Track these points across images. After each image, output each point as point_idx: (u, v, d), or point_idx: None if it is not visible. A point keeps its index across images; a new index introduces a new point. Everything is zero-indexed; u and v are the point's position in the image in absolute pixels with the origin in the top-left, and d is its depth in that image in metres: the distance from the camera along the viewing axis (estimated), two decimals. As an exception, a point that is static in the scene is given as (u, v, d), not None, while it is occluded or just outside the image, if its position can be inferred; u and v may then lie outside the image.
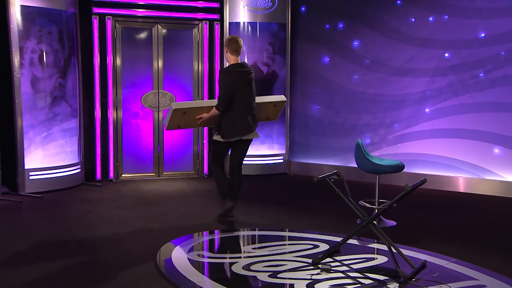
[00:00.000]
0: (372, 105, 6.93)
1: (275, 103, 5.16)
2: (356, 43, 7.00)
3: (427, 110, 6.51)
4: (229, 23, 7.16)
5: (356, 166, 4.81)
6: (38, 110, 5.93)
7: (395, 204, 3.66)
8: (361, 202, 4.92)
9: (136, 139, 7.04)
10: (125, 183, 6.68)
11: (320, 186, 4.96)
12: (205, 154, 7.23)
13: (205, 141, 7.21)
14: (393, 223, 4.74)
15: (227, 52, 4.65)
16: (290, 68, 7.48)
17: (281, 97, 5.26)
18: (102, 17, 6.60)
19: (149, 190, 6.30)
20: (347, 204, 3.72)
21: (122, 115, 6.91)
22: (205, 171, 7.26)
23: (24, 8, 5.73)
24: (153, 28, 6.95)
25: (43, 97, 5.95)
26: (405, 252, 3.62)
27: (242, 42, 4.69)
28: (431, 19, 6.41)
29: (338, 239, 4.06)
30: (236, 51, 4.62)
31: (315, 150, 7.49)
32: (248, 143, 4.83)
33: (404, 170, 4.74)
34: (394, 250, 3.40)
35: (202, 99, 7.11)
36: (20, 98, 5.77)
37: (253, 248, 4.04)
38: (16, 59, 5.71)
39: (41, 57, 5.91)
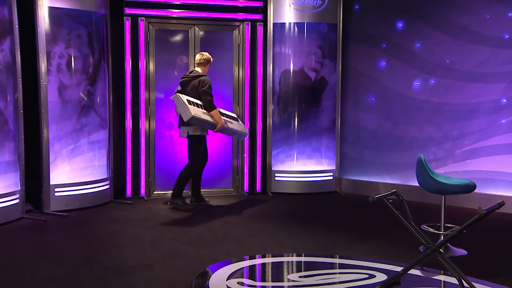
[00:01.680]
0: (437, 115, 6.77)
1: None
2: (417, 44, 6.87)
3: (503, 121, 6.29)
4: (273, 24, 7.20)
5: (417, 185, 4.71)
6: (65, 121, 6.11)
7: (465, 230, 3.53)
8: (424, 227, 4.80)
9: (169, 153, 7.14)
10: (158, 201, 6.77)
11: (376, 207, 4.87)
12: (245, 170, 7.25)
13: (246, 156, 7.23)
14: (463, 252, 4.57)
15: None
16: (341, 73, 7.42)
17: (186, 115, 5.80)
18: (134, 18, 6.77)
19: (183, 209, 6.36)
20: (408, 228, 3.63)
21: (155, 126, 7.03)
22: (245, 189, 7.27)
23: (52, 10, 5.95)
24: (189, 30, 7.07)
25: (70, 107, 6.14)
26: (478, 287, 3.47)
27: (202, 56, 6.30)
28: (510, 14, 6.21)
29: (398, 268, 3.94)
30: (195, 62, 6.38)
31: (369, 166, 7.38)
32: (190, 138, 6.22)
33: (475, 191, 4.59)
34: (465, 284, 3.27)
35: (243, 107, 7.17)
36: (46, 108, 5.97)
37: (299, 277, 3.99)
38: (43, 65, 5.93)
39: (69, 62, 6.11)
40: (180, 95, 5.91)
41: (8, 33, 5.52)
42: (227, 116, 6.35)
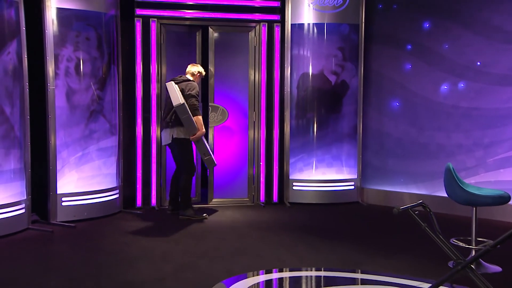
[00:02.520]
0: (466, 121, 6.69)
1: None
2: (445, 46, 6.81)
3: (539, 127, 6.21)
4: (291, 24, 7.20)
5: (446, 195, 4.65)
6: (73, 127, 6.15)
7: (499, 245, 3.46)
8: (454, 241, 4.75)
9: (181, 160, 7.15)
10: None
11: (401, 219, 4.80)
12: (261, 179, 7.23)
13: (262, 164, 7.21)
14: (498, 268, 4.49)
15: None
16: (363, 77, 7.39)
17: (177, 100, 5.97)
18: (146, 19, 6.81)
19: (196, 219, 6.34)
20: (436, 242, 3.57)
21: (166, 132, 7.04)
22: (261, 199, 7.25)
23: (60, 11, 6.01)
24: (197, 33, 7.10)
25: (78, 112, 6.18)
26: (512, 305, 3.40)
27: (193, 66, 6.45)
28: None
29: (426, 285, 3.89)
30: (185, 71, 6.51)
31: (393, 175, 7.32)
32: (175, 142, 6.20)
33: (509, 202, 4.51)
34: (499, 303, 3.20)
35: (259, 113, 7.16)
36: (54, 113, 6.02)
37: (319, 294, 3.96)
38: (50, 69, 5.98)
39: (77, 66, 6.16)
40: (175, 84, 6.09)
41: (15, 36, 5.58)
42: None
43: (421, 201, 3.69)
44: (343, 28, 7.23)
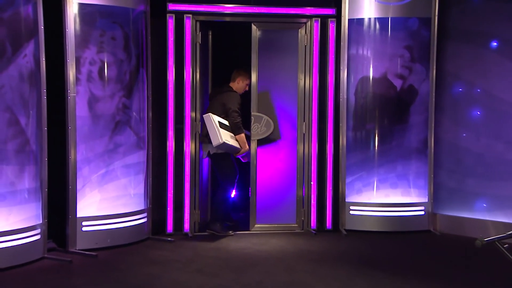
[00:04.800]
0: None
1: None
2: (541, 42, 6.67)
3: None
4: (348, 20, 7.15)
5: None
6: (96, 140, 6.22)
7: None
8: (552, 281, 4.57)
9: (220, 179, 7.17)
10: (205, 238, 6.80)
11: (484, 253, 4.66)
12: (313, 201, 7.17)
13: (313, 183, 7.15)
14: None
15: None
16: (436, 81, 7.27)
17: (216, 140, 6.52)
18: (179, 15, 6.86)
19: (236, 248, 6.35)
20: (531, 282, 3.45)
21: (202, 146, 7.08)
22: (312, 225, 7.18)
23: (82, 7, 6.10)
24: (245, 29, 7.15)
25: (102, 123, 6.25)
26: None
27: (236, 72, 7.04)
28: None
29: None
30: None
31: (473, 199, 7.17)
32: (213, 158, 6.90)
33: None
34: None
35: (310, 124, 7.12)
36: (74, 124, 6.10)
37: None
38: (71, 73, 6.06)
39: (101, 70, 6.24)
40: (212, 115, 6.61)
41: (32, 36, 5.67)
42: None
43: (511, 232, 3.58)
44: (412, 22, 7.15)
